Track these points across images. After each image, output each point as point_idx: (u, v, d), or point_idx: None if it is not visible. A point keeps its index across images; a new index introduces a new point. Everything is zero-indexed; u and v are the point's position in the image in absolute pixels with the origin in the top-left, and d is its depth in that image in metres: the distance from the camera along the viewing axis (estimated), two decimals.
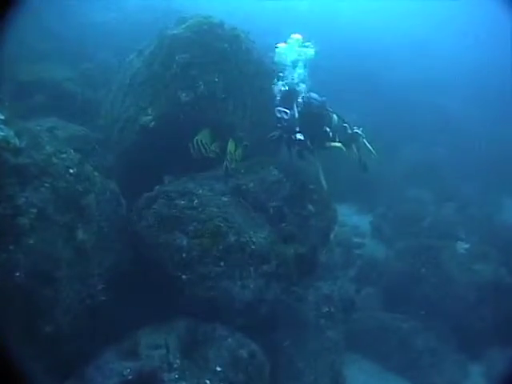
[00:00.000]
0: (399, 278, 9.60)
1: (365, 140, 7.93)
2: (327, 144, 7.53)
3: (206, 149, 6.97)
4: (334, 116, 7.72)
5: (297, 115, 7.25)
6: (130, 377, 4.99)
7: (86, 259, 5.82)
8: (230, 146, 7.05)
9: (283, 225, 7.01)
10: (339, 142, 7.56)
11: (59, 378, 5.25)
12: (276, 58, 7.59)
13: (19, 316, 5.10)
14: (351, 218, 12.66)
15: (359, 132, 7.90)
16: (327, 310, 7.27)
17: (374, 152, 7.93)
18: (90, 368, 5.16)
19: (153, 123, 7.40)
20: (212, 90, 7.45)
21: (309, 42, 7.63)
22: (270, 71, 8.08)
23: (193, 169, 7.27)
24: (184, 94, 7.29)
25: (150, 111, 7.49)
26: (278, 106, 7.31)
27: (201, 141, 6.94)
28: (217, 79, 7.47)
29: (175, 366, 5.21)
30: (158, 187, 6.84)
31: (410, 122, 15.57)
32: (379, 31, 18.04)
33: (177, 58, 7.44)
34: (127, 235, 6.56)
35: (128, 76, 8.46)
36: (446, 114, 16.46)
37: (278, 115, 7.27)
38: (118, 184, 7.71)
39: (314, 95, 7.57)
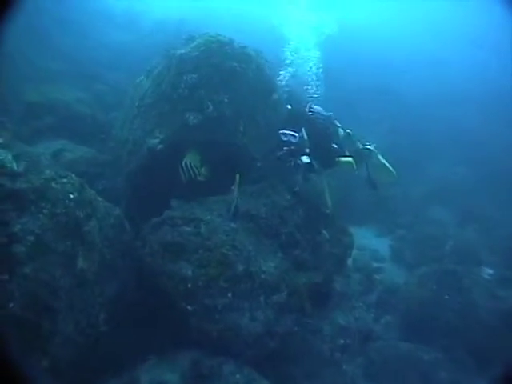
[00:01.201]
0: (421, 305, 9.10)
1: (380, 156, 7.50)
2: (336, 160, 7.13)
3: (195, 172, 6.59)
4: (340, 130, 7.39)
5: (306, 137, 6.92)
6: None
7: (86, 288, 5.54)
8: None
9: (296, 252, 6.67)
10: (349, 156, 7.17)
11: None
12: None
13: (14, 349, 4.82)
14: (370, 241, 12.22)
15: (371, 148, 7.54)
16: (343, 342, 6.84)
17: (391, 169, 7.51)
18: None
19: (160, 146, 7.14)
20: (221, 110, 7.17)
21: None
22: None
23: (202, 193, 6.99)
24: (192, 117, 7.02)
25: (157, 133, 7.25)
26: (282, 129, 7.01)
27: (190, 163, 6.59)
28: (226, 99, 7.20)
29: None
30: (165, 212, 6.55)
31: (431, 140, 15.14)
32: (391, 47, 17.68)
33: (184, 78, 7.19)
34: (132, 263, 6.28)
35: (137, 97, 8.22)
36: (467, 131, 15.99)
37: (284, 138, 6.96)
38: (127, 208, 7.54)
39: (318, 108, 7.29)
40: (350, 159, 7.08)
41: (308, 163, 6.82)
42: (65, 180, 5.56)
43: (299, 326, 6.07)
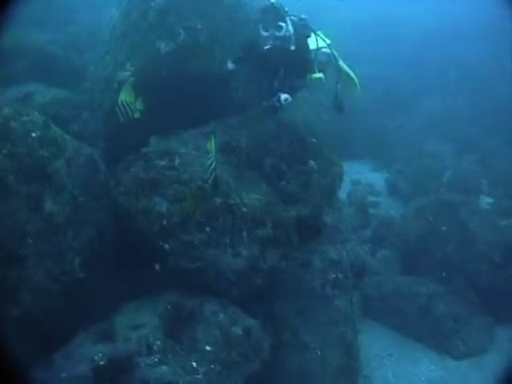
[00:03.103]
0: (418, 238, 8.81)
1: (344, 65, 7.04)
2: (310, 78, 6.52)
3: (131, 109, 5.84)
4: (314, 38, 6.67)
5: (292, 31, 6.21)
6: (101, 362, 4.35)
7: (58, 233, 5.18)
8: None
9: (282, 183, 6.29)
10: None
11: (28, 366, 4.66)
12: None
13: None
14: (366, 176, 11.92)
15: (335, 54, 6.86)
16: (334, 276, 6.53)
17: (356, 80, 7.00)
18: (60, 354, 4.53)
19: (132, 79, 6.64)
20: (195, 37, 6.64)
21: None
22: None
23: (182, 126, 6.58)
24: (163, 45, 6.51)
25: (128, 66, 6.75)
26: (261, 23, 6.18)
27: (124, 101, 5.86)
28: (200, 25, 6.66)
29: (155, 348, 4.56)
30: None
31: (427, 74, 14.59)
32: None
33: (152, 4, 6.64)
34: (108, 204, 5.92)
35: (108, 32, 7.69)
36: (464, 65, 15.40)
37: (265, 33, 6.13)
38: (105, 149, 7.15)
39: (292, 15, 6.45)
40: (321, 74, 6.49)
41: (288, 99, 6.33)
42: (25, 118, 5.09)
43: (287, 260, 5.72)
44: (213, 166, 4.93)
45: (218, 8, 7.04)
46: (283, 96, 6.31)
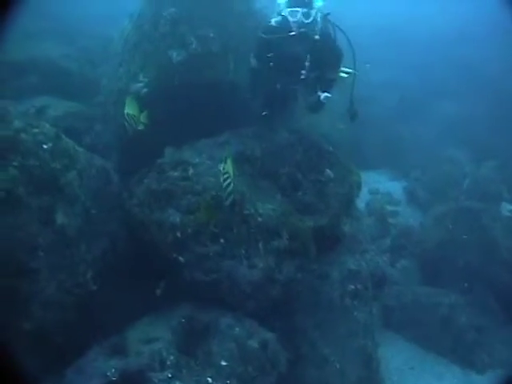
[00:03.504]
0: (437, 246, 8.61)
1: None
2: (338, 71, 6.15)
3: (135, 121, 5.63)
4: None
5: (319, 19, 5.83)
6: (114, 378, 4.23)
7: (70, 245, 5.10)
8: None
9: (298, 193, 6.16)
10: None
11: (39, 382, 4.57)
12: None
13: None
14: (384, 185, 11.73)
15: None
16: (353, 287, 6.36)
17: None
18: (72, 368, 4.42)
19: (145, 90, 6.58)
20: (207, 46, 6.56)
21: None
22: None
23: (196, 136, 6.49)
24: (175, 54, 6.44)
25: (141, 77, 6.69)
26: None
27: (127, 113, 5.61)
28: (212, 34, 6.58)
29: (168, 363, 4.43)
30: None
31: (442, 78, 14.40)
32: None
33: (164, 13, 6.58)
34: (121, 216, 5.83)
35: (121, 44, 7.66)
36: (480, 68, 15.19)
37: (293, 19, 5.75)
38: (119, 161, 7.08)
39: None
40: (350, 70, 6.16)
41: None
42: (36, 130, 5.02)
43: (303, 272, 5.56)
44: (231, 187, 4.73)
45: (229, 16, 6.98)
46: (323, 95, 6.11)
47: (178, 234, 5.13)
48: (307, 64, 5.92)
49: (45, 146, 4.97)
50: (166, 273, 5.33)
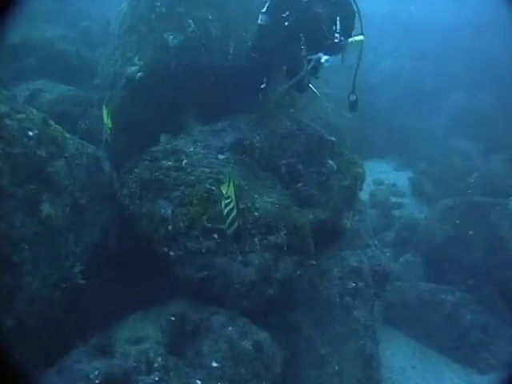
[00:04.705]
0: (443, 242, 8.30)
1: None
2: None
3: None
4: None
5: None
6: (97, 381, 3.99)
7: (57, 237, 4.85)
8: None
9: (298, 185, 5.88)
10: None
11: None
12: None
13: None
14: (389, 175, 11.48)
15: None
16: (354, 285, 6.10)
17: None
18: (53, 369, 4.19)
19: (140, 74, 6.28)
20: (205, 29, 6.25)
21: None
22: None
23: (193, 123, 6.23)
24: (172, 37, 6.13)
25: (136, 60, 6.39)
26: None
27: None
28: (210, 16, 6.27)
29: (156, 365, 4.18)
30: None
31: (455, 68, 14.06)
32: None
33: None
34: (112, 207, 5.59)
35: (117, 26, 7.35)
36: (490, 59, 14.84)
37: None
38: (114, 149, 6.83)
39: None
40: (361, 37, 5.72)
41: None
42: (22, 115, 4.76)
43: (302, 269, 5.30)
44: (234, 213, 4.19)
45: None
46: (324, 57, 5.69)
47: (170, 228, 4.86)
48: (337, 28, 5.55)
49: (30, 133, 4.72)
50: (158, 268, 5.08)
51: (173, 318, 4.73)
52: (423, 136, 12.08)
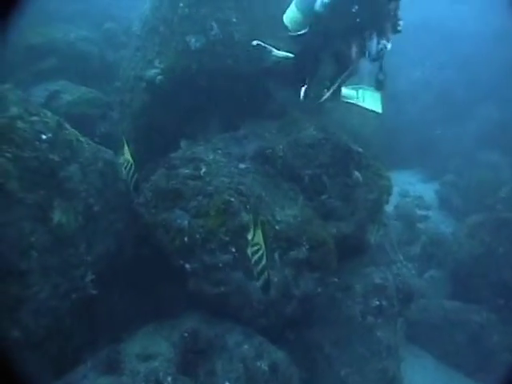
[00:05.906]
0: (471, 258, 7.98)
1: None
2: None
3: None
4: None
5: None
6: None
7: (68, 245, 4.65)
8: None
9: (322, 198, 5.61)
10: None
11: None
12: None
13: None
14: (415, 187, 11.18)
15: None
16: (378, 303, 5.81)
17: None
18: None
19: (160, 77, 6.10)
20: (229, 32, 6.02)
21: None
22: None
23: (214, 129, 6.03)
24: (194, 39, 5.92)
25: (156, 63, 6.20)
26: None
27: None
28: (235, 19, 6.04)
29: None
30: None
31: (487, 79, 13.66)
32: None
33: None
34: (128, 215, 5.38)
35: (139, 26, 7.19)
36: None
37: None
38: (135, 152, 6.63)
39: None
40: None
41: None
42: (35, 118, 4.61)
43: (323, 286, 5.03)
44: (263, 262, 3.66)
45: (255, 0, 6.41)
46: (382, 42, 5.45)
47: (186, 240, 4.63)
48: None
49: (44, 137, 4.56)
50: (172, 279, 4.86)
51: (186, 334, 4.48)
52: (451, 147, 11.71)
